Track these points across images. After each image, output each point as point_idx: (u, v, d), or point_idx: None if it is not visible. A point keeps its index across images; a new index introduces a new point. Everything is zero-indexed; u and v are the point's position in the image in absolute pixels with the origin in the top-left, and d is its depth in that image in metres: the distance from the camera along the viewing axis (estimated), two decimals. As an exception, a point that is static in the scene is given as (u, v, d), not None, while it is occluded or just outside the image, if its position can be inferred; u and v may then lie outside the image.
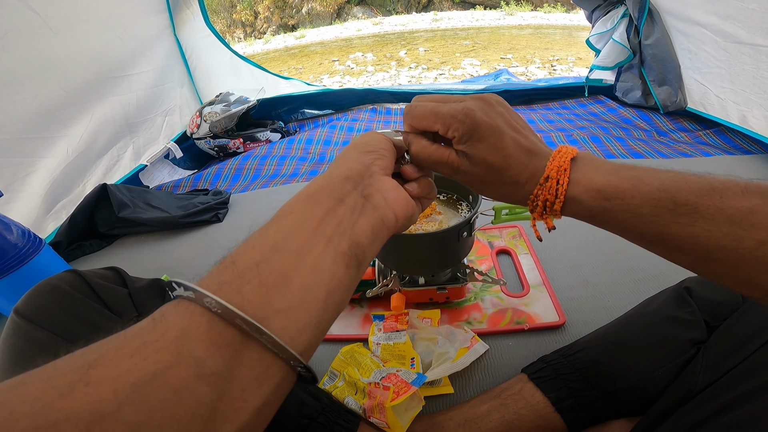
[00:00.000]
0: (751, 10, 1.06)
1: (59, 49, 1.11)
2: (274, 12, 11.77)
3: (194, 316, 0.18)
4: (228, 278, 0.20)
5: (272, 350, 0.19)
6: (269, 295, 0.20)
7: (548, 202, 0.30)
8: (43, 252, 0.79)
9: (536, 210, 0.31)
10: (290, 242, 0.22)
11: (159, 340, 0.17)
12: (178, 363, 0.17)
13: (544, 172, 0.30)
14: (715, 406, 0.36)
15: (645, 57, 1.48)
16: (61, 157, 1.13)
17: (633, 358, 0.47)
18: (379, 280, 0.65)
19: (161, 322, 0.18)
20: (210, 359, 0.18)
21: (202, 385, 0.17)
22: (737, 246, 0.24)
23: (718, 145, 1.24)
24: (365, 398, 0.52)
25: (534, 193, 0.31)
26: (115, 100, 1.34)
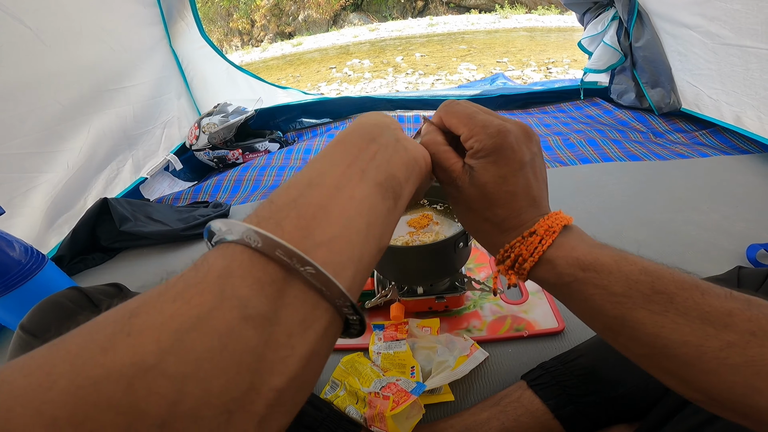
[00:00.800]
0: (736, 11, 1.07)
1: (53, 62, 1.12)
2: (271, 20, 11.87)
3: (235, 254, 0.17)
4: (266, 214, 0.20)
5: (316, 287, 0.18)
6: (309, 228, 0.19)
7: (520, 259, 0.29)
8: (47, 268, 0.79)
9: (504, 263, 0.30)
10: (326, 178, 0.22)
11: (201, 282, 0.16)
12: (222, 304, 0.16)
13: (531, 227, 0.29)
14: None
15: (636, 59, 1.49)
16: (61, 171, 1.14)
17: (632, 363, 0.47)
18: (378, 291, 0.66)
19: (203, 264, 0.17)
20: (254, 298, 0.16)
21: (247, 329, 0.16)
22: (702, 343, 0.22)
23: (714, 145, 1.25)
24: (366, 407, 0.53)
25: (511, 244, 0.29)
26: (113, 113, 1.35)
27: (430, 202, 0.66)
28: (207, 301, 0.16)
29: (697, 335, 0.23)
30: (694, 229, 0.86)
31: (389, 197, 0.23)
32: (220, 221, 0.19)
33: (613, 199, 1.00)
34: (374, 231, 0.22)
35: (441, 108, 0.32)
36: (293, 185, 0.21)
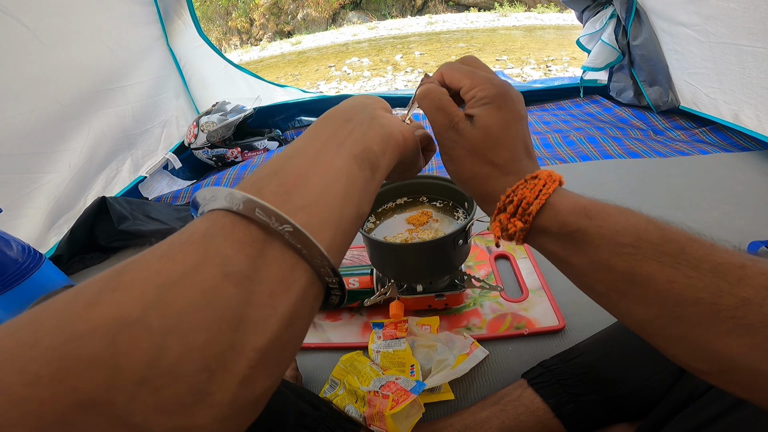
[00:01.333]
0: (732, 9, 1.06)
1: (52, 62, 1.12)
2: (270, 19, 11.84)
3: (218, 217, 0.18)
4: (248, 184, 0.20)
5: (296, 247, 0.19)
6: (289, 194, 0.20)
7: (524, 203, 0.27)
8: (44, 267, 0.79)
9: (506, 210, 0.28)
10: (305, 151, 0.23)
11: (186, 242, 0.17)
12: (205, 261, 0.16)
13: (533, 172, 0.29)
14: (717, 408, 0.35)
15: (634, 57, 1.48)
16: (64, 172, 1.14)
17: (632, 362, 0.47)
18: (377, 289, 0.66)
19: (189, 228, 0.18)
20: (235, 256, 0.17)
21: (229, 286, 0.16)
22: (716, 301, 0.21)
23: (714, 142, 1.25)
24: (365, 406, 0.52)
25: (513, 187, 0.28)
26: (111, 113, 1.34)
27: (429, 199, 0.66)
28: (191, 259, 0.16)
29: (711, 291, 0.21)
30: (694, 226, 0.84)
31: (366, 167, 0.24)
32: (205, 190, 0.19)
33: (613, 196, 0.98)
34: (352, 197, 0.22)
35: (442, 66, 0.33)
36: (274, 160, 0.23)
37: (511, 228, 0.28)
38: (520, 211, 0.27)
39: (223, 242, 0.17)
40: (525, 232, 0.28)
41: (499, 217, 0.28)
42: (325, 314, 0.73)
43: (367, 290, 0.67)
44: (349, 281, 0.67)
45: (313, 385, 0.62)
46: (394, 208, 0.65)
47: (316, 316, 0.72)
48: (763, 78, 1.04)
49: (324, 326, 0.70)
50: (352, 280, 0.67)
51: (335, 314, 0.72)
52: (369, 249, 0.58)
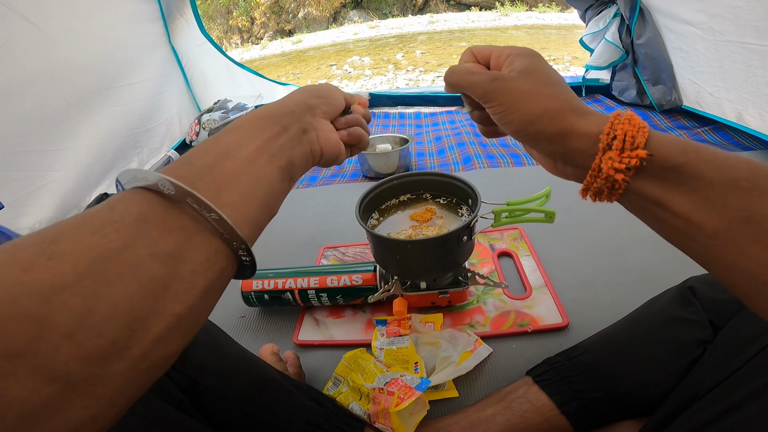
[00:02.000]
0: (738, 7, 1.06)
1: (57, 59, 1.12)
2: (271, 17, 11.82)
3: (151, 202, 0.20)
4: (184, 174, 0.22)
5: (220, 232, 0.22)
6: (220, 191, 0.23)
7: (629, 135, 0.24)
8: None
9: (613, 146, 0.25)
10: (240, 152, 0.26)
11: (118, 221, 0.19)
12: (135, 242, 0.19)
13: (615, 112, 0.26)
14: (723, 406, 0.35)
15: (638, 56, 1.48)
16: (70, 170, 1.14)
17: (638, 359, 0.47)
18: (380, 286, 0.65)
19: (119, 205, 0.20)
20: (163, 241, 0.20)
21: (155, 263, 0.19)
22: None
23: (717, 142, 1.24)
24: (370, 403, 0.52)
25: (610, 123, 0.25)
26: (118, 111, 1.35)
27: (432, 196, 0.65)
28: (122, 238, 0.18)
29: None
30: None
31: (286, 179, 0.29)
32: (132, 170, 0.21)
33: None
34: (270, 202, 0.26)
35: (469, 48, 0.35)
36: (210, 152, 0.25)
37: (631, 161, 0.24)
38: (628, 146, 0.24)
39: (154, 228, 0.20)
40: (635, 172, 0.24)
41: (610, 155, 0.25)
42: (329, 312, 0.72)
43: (370, 287, 0.66)
44: (353, 278, 0.67)
45: (316, 383, 0.62)
46: (397, 205, 0.65)
47: (320, 313, 0.72)
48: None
49: (327, 323, 0.70)
50: (356, 277, 0.67)
51: (338, 311, 0.72)
52: (373, 245, 0.58)
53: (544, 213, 0.55)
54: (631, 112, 0.25)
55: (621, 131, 0.24)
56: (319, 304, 0.70)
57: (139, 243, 0.19)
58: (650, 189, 0.24)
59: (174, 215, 0.20)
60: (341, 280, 0.67)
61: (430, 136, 1.62)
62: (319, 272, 0.69)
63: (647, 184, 0.24)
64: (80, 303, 0.16)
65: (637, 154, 0.24)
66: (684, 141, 0.24)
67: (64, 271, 0.17)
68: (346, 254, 0.88)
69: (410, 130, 1.74)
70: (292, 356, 0.62)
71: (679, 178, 0.23)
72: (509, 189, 1.07)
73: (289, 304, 0.71)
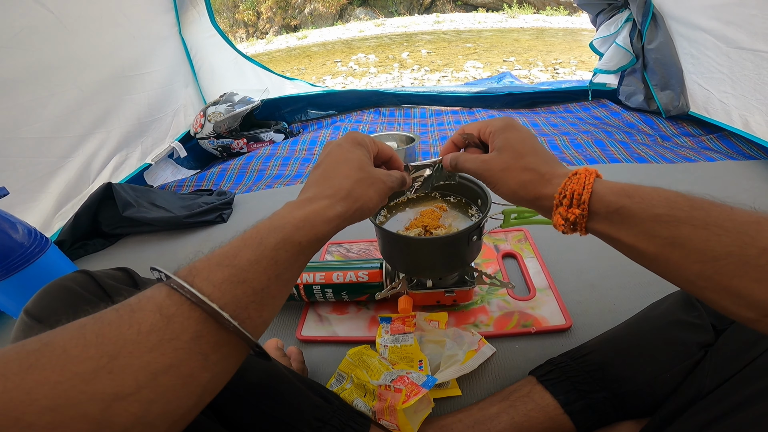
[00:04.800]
0: (753, 15, 1.07)
1: (74, 47, 1.12)
2: (277, 12, 11.79)
3: (207, 323, 0.24)
4: (240, 295, 0.26)
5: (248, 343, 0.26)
6: (264, 324, 0.28)
7: (576, 193, 0.31)
8: (50, 251, 0.79)
9: (563, 203, 0.32)
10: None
11: (175, 339, 0.23)
12: (191, 357, 0.23)
13: (572, 171, 0.33)
14: (723, 407, 0.36)
15: (648, 61, 1.48)
16: (77, 158, 1.13)
17: (641, 360, 0.47)
18: (386, 283, 0.66)
19: (175, 323, 0.23)
20: (213, 355, 0.24)
21: (204, 373, 0.24)
22: (742, 252, 0.24)
23: (721, 150, 1.24)
24: (375, 400, 0.52)
25: (563, 185, 0.33)
26: (129, 100, 1.34)
27: (442, 194, 0.65)
28: (179, 356, 0.22)
29: (738, 244, 0.25)
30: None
31: None
32: (193, 293, 0.24)
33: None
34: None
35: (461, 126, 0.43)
36: (262, 273, 0.28)
37: (571, 216, 0.32)
38: (575, 202, 0.32)
39: (206, 345, 0.24)
40: (584, 218, 0.32)
41: (559, 211, 0.33)
42: (332, 308, 0.73)
43: (376, 284, 0.66)
44: (359, 274, 0.67)
45: (319, 379, 0.62)
46: (405, 202, 0.65)
47: (323, 309, 0.72)
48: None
49: (330, 320, 0.70)
50: (362, 273, 0.67)
51: (342, 308, 0.72)
52: (381, 242, 0.58)
53: (553, 215, 0.55)
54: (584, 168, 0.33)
55: (570, 190, 0.32)
56: (324, 299, 0.70)
57: (194, 358, 0.23)
58: (603, 228, 0.31)
59: (223, 334, 0.25)
60: (347, 276, 0.67)
61: (435, 135, 1.62)
62: (324, 268, 0.69)
63: (600, 224, 0.31)
64: (138, 407, 0.20)
65: (573, 211, 0.32)
66: (620, 188, 0.30)
67: (126, 383, 0.20)
68: (350, 250, 0.88)
69: (415, 129, 1.74)
70: (295, 351, 0.62)
71: (621, 218, 0.30)
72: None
73: (293, 299, 0.71)
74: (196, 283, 0.25)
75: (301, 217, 0.31)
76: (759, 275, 0.24)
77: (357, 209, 0.34)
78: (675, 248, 0.27)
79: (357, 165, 0.36)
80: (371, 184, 0.35)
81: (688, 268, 0.27)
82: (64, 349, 0.20)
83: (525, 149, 0.36)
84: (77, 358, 0.20)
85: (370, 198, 0.35)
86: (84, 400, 0.19)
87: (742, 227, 0.25)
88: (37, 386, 0.19)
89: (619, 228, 0.30)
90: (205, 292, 0.24)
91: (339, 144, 0.38)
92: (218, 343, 0.24)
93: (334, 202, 0.33)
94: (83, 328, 0.22)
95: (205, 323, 0.24)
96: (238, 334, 0.25)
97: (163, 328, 0.22)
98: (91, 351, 0.20)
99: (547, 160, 0.36)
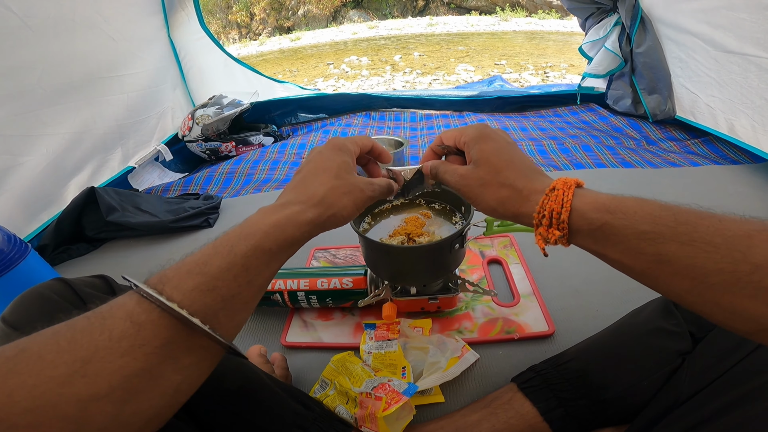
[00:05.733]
0: (742, 19, 1.08)
1: (39, 49, 1.09)
2: (270, 14, 11.76)
3: (177, 329, 0.25)
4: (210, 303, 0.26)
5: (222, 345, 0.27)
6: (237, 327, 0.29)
7: (554, 212, 0.30)
8: (29, 257, 0.77)
9: (543, 222, 0.31)
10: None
11: (146, 345, 0.23)
12: (163, 362, 0.24)
13: (550, 185, 0.32)
14: (701, 415, 0.36)
15: (636, 65, 1.50)
16: (40, 156, 1.10)
17: (621, 367, 0.48)
18: (370, 290, 0.65)
19: (146, 330, 0.24)
20: (185, 358, 0.25)
21: (176, 375, 0.25)
22: (734, 269, 0.23)
23: (706, 155, 1.26)
24: (357, 407, 0.52)
25: (540, 203, 0.31)
26: (104, 101, 1.32)
27: (427, 201, 0.65)
28: (152, 360, 0.23)
29: (728, 261, 0.23)
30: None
31: None
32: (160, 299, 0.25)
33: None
34: None
35: (439, 135, 0.42)
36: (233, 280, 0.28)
37: (552, 237, 0.31)
38: (555, 222, 0.30)
39: (178, 349, 0.25)
40: (565, 238, 0.31)
41: (539, 231, 0.32)
42: (318, 314, 0.72)
43: (360, 290, 0.66)
44: (343, 281, 0.67)
45: (303, 385, 0.62)
46: (390, 209, 0.65)
47: (308, 315, 0.72)
48: (763, 88, 1.06)
49: (315, 325, 0.70)
50: (346, 280, 0.67)
51: (327, 314, 0.72)
52: (365, 250, 0.58)
53: (535, 222, 0.55)
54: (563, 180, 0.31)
55: (548, 209, 0.31)
56: (309, 306, 0.70)
57: (166, 361, 0.24)
58: (586, 244, 0.31)
59: (195, 339, 0.26)
60: (331, 283, 0.67)
61: (425, 139, 1.62)
62: (309, 274, 0.69)
63: (583, 240, 0.30)
64: (113, 407, 0.22)
65: (553, 232, 0.31)
66: (602, 203, 0.29)
67: (99, 386, 0.21)
68: (337, 256, 0.87)
69: (405, 133, 1.74)
70: (279, 358, 0.62)
71: (604, 235, 0.29)
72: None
73: (278, 305, 0.70)
74: (166, 290, 0.25)
75: (272, 222, 0.31)
76: (752, 291, 0.23)
77: (330, 216, 0.34)
78: (662, 265, 0.26)
79: (335, 173, 0.35)
80: (347, 192, 0.35)
81: (677, 284, 0.26)
82: (39, 354, 0.21)
83: (500, 162, 0.35)
84: (52, 363, 0.21)
85: (344, 206, 0.35)
86: (61, 402, 0.20)
87: (732, 242, 0.24)
88: (17, 389, 0.20)
89: (604, 245, 0.29)
90: (175, 300, 0.25)
91: (320, 151, 0.38)
92: (190, 347, 0.25)
93: (306, 207, 0.32)
94: (56, 334, 0.23)
95: (175, 329, 0.24)
96: (210, 338, 0.26)
97: (134, 335, 0.23)
98: (64, 356, 0.21)
99: (525, 173, 0.34)
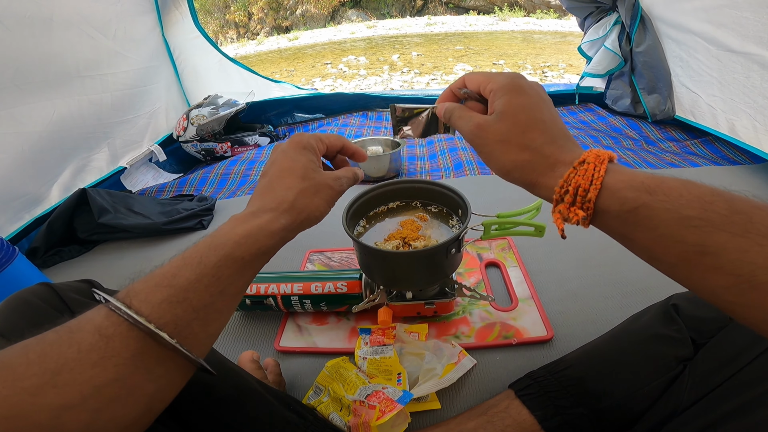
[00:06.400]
0: (745, 18, 1.06)
1: (12, 47, 1.07)
2: (268, 13, 11.73)
3: (147, 340, 0.25)
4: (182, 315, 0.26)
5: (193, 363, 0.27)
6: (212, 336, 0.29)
7: (581, 190, 0.26)
8: (17, 261, 0.76)
9: (564, 200, 0.27)
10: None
11: (116, 356, 0.23)
12: (135, 372, 0.24)
13: (579, 157, 0.27)
14: (701, 423, 0.35)
15: (636, 64, 1.48)
16: (13, 154, 1.08)
17: (620, 375, 0.47)
18: (366, 295, 0.64)
19: (115, 341, 0.24)
20: (157, 369, 0.25)
21: (148, 384, 0.25)
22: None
23: (705, 155, 1.25)
24: (350, 415, 0.51)
25: (565, 177, 0.27)
26: (85, 100, 1.29)
27: (423, 204, 0.64)
28: (123, 370, 0.23)
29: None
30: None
31: None
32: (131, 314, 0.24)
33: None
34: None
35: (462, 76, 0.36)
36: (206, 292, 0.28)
37: (573, 218, 0.27)
38: (579, 200, 0.26)
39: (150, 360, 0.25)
40: (588, 219, 0.27)
41: (559, 208, 0.28)
42: (312, 318, 0.71)
43: (356, 295, 0.65)
44: (337, 285, 0.65)
45: (297, 391, 0.60)
46: (386, 212, 0.64)
47: (303, 319, 0.71)
48: (766, 88, 1.04)
49: (310, 330, 0.69)
50: (340, 284, 0.65)
51: (322, 318, 0.71)
52: (359, 254, 0.56)
53: (534, 227, 0.54)
54: (596, 153, 0.27)
55: (574, 185, 0.26)
56: (303, 310, 0.69)
57: (138, 372, 0.24)
58: (614, 227, 0.26)
59: (165, 350, 0.25)
60: (326, 287, 0.66)
61: (422, 140, 1.61)
62: (303, 278, 0.67)
63: (610, 222, 0.26)
64: (86, 416, 0.22)
65: (576, 211, 0.26)
66: (640, 181, 0.25)
67: (71, 395, 0.22)
68: (332, 259, 0.86)
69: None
70: (272, 363, 0.61)
71: (637, 219, 0.25)
72: (500, 198, 1.06)
73: (272, 309, 0.69)
74: (134, 304, 0.25)
75: (243, 233, 0.30)
76: None
77: (303, 220, 0.33)
78: (704, 257, 0.22)
79: (301, 173, 0.34)
80: (316, 192, 0.34)
81: (716, 280, 0.22)
82: (10, 366, 0.22)
83: (529, 120, 0.30)
84: (23, 375, 0.21)
85: (316, 207, 0.34)
86: (34, 411, 0.21)
87: None
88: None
89: (635, 229, 0.25)
90: (143, 313, 0.25)
91: (283, 150, 0.36)
92: (161, 358, 0.25)
93: (277, 215, 0.32)
94: (26, 347, 0.23)
95: (145, 341, 0.25)
96: (178, 353, 0.26)
97: (103, 347, 0.23)
98: (34, 368, 0.22)
99: (555, 138, 0.29)
